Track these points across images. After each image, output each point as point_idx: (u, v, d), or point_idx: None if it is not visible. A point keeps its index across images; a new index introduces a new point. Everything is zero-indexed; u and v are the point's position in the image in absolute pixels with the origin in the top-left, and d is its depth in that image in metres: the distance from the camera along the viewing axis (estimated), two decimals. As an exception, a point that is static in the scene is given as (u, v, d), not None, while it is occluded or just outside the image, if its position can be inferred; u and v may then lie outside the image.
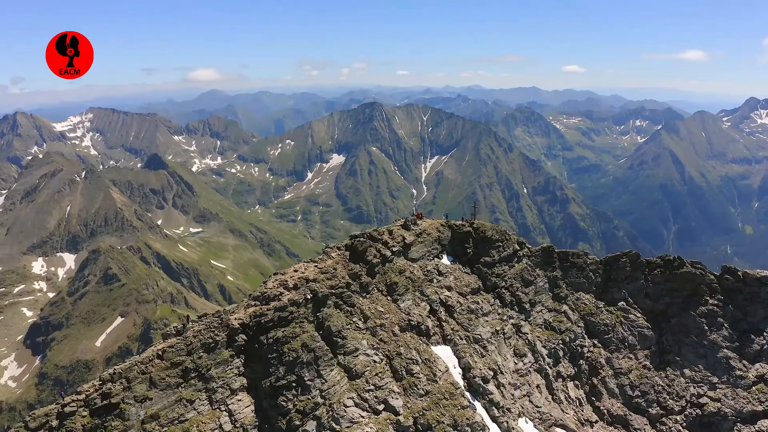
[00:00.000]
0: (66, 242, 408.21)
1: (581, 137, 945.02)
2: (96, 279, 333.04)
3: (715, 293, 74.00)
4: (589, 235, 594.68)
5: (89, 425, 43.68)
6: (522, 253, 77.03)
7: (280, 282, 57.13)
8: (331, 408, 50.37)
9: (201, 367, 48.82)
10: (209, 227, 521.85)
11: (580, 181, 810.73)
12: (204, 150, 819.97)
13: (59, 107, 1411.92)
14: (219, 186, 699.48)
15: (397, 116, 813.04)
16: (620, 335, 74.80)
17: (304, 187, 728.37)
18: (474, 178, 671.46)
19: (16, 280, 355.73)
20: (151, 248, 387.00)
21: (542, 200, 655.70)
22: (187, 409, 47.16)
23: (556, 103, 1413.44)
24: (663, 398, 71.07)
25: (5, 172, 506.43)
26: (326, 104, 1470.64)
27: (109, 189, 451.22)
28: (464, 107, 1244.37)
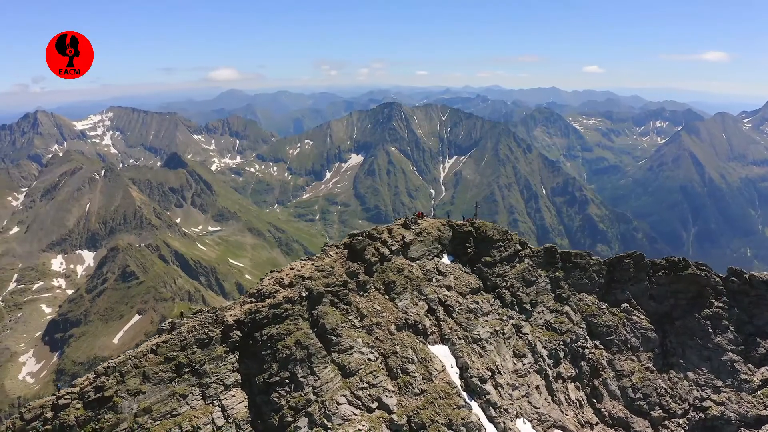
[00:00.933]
0: (85, 240, 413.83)
1: (601, 138, 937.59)
2: (114, 276, 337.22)
3: (720, 295, 73.09)
4: (608, 236, 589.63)
5: (82, 417, 44.27)
6: (524, 253, 76.61)
7: (276, 279, 57.49)
8: (324, 405, 50.67)
9: (194, 363, 49.29)
10: (228, 226, 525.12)
11: (600, 182, 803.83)
12: (223, 149, 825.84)
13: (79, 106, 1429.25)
14: (238, 185, 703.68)
15: (415, 116, 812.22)
16: (623, 337, 74.17)
17: (323, 186, 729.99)
18: (493, 178, 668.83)
19: (35, 277, 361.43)
20: (169, 246, 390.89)
21: (561, 201, 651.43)
22: (180, 404, 47.64)
23: (576, 104, 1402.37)
24: (665, 401, 70.33)
25: (26, 170, 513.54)
26: (345, 104, 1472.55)
27: (128, 187, 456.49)
28: (483, 107, 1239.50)
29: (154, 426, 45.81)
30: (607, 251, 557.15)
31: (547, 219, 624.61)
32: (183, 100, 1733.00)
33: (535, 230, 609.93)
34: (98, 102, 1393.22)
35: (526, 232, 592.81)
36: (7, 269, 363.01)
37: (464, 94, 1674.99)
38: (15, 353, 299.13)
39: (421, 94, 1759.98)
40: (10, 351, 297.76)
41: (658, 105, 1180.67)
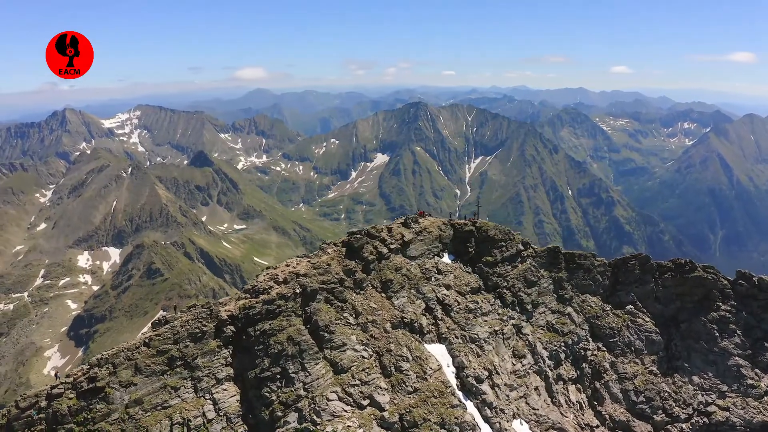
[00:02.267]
0: (111, 237, 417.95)
1: (628, 139, 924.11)
2: (139, 273, 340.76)
3: (728, 299, 71.97)
4: (634, 238, 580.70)
5: (75, 407, 45.35)
6: (526, 254, 75.90)
7: (271, 276, 58.06)
8: (313, 401, 51.06)
9: (187, 356, 50.07)
10: (253, 224, 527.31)
11: (627, 183, 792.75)
12: (249, 148, 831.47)
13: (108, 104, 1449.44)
14: (264, 184, 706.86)
15: (441, 116, 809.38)
16: (626, 339, 73.23)
17: (348, 186, 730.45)
18: (518, 179, 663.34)
19: (61, 273, 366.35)
20: (194, 244, 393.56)
21: (587, 202, 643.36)
22: (172, 396, 48.47)
23: (603, 105, 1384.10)
24: (669, 405, 69.35)
25: (54, 168, 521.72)
26: (372, 104, 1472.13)
27: (154, 185, 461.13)
28: (510, 108, 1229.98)
29: (144, 417, 46.68)
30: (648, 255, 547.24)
31: (573, 220, 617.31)
32: (210, 99, 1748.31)
33: (560, 231, 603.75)
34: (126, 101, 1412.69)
35: (551, 233, 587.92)
36: (34, 265, 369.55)
37: (491, 95, 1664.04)
38: (41, 348, 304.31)
39: (448, 94, 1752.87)
40: (36, 346, 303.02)
41: (686, 106, 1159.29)
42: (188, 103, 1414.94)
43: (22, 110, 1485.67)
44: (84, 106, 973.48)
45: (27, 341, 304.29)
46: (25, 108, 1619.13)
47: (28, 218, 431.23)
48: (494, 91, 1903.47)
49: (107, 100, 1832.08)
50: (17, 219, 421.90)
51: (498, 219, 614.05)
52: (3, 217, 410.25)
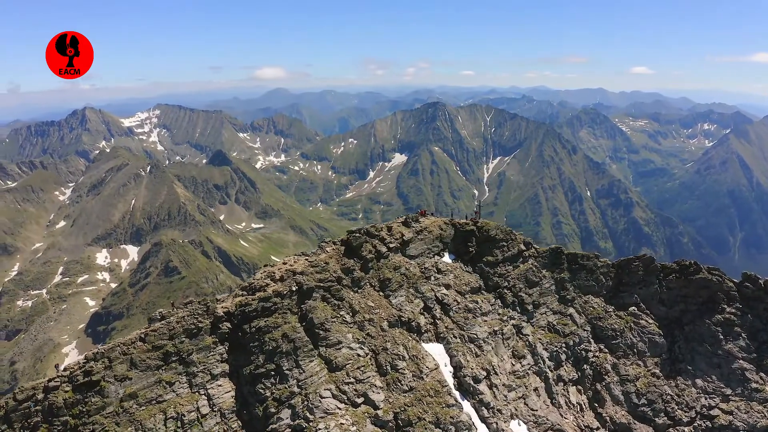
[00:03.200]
0: (130, 235, 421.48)
1: (647, 140, 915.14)
2: (157, 271, 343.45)
3: (733, 301, 71.09)
4: (653, 240, 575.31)
5: (71, 400, 46.03)
6: (528, 254, 75.52)
7: (268, 273, 58.42)
8: (307, 398, 51.30)
9: (182, 352, 50.56)
10: (270, 223, 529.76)
11: (646, 184, 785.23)
12: (268, 147, 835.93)
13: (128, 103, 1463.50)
14: (282, 183, 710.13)
15: (460, 116, 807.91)
16: (629, 341, 72.60)
17: (366, 185, 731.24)
18: (537, 179, 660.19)
19: (80, 270, 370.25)
20: (212, 242, 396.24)
21: (606, 203, 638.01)
22: (166, 391, 49.01)
23: (623, 105, 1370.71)
24: (671, 408, 68.63)
25: (73, 166, 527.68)
26: (390, 104, 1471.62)
27: (173, 184, 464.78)
28: (529, 108, 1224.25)
29: (139, 411, 47.29)
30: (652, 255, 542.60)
31: (591, 221, 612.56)
32: (229, 99, 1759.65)
33: (578, 232, 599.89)
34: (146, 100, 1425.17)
35: (569, 234, 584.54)
36: (53, 262, 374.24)
37: (510, 95, 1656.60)
38: (58, 344, 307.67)
39: (467, 94, 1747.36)
40: (54, 342, 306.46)
41: (706, 107, 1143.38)
42: (208, 102, 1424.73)
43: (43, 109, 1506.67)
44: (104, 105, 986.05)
45: (45, 338, 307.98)
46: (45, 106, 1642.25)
47: (47, 216, 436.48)
48: (513, 91, 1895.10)
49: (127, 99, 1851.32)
50: (37, 217, 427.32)
51: (516, 219, 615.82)
52: (23, 215, 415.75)
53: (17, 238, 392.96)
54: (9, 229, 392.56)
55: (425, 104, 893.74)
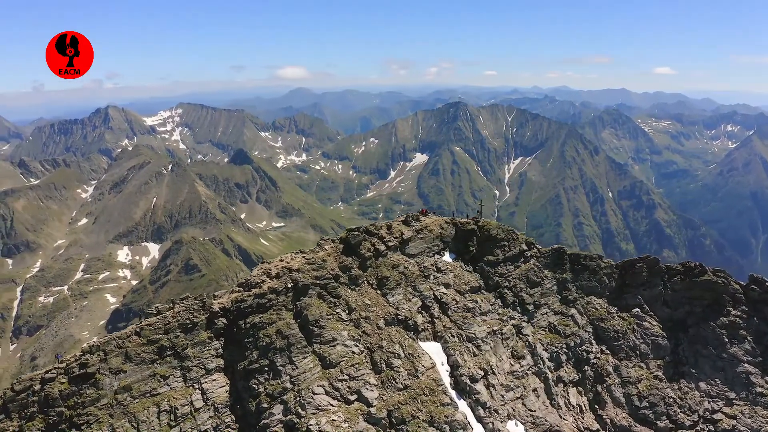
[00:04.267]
0: (151, 232, 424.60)
1: (670, 141, 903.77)
2: (177, 269, 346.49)
3: (739, 304, 69.85)
4: (674, 242, 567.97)
5: (66, 391, 47.13)
6: (530, 254, 74.96)
7: (264, 270, 58.98)
8: (299, 394, 51.74)
9: (177, 346, 51.36)
10: (291, 222, 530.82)
11: (668, 186, 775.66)
12: (289, 146, 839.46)
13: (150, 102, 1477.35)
14: (303, 182, 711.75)
15: (481, 116, 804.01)
16: (631, 343, 71.74)
17: (387, 185, 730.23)
18: (558, 180, 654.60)
19: (101, 267, 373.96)
20: (233, 241, 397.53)
21: (627, 205, 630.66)
22: (160, 384, 49.89)
23: (646, 106, 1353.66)
24: (673, 411, 67.71)
25: (96, 164, 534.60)
26: (412, 103, 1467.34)
27: (194, 182, 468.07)
28: (551, 108, 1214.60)
29: (133, 403, 48.24)
30: (674, 258, 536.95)
31: (612, 223, 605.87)
32: (252, 98, 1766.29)
33: (600, 234, 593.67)
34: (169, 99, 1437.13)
35: (590, 235, 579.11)
36: (75, 259, 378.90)
37: (532, 95, 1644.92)
38: (79, 341, 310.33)
39: (489, 94, 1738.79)
40: (74, 338, 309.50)
41: (730, 108, 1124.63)
42: (230, 101, 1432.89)
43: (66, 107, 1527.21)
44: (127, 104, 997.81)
45: (66, 334, 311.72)
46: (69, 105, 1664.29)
47: (69, 213, 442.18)
48: (535, 91, 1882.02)
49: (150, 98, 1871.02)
50: (59, 214, 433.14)
51: (537, 220, 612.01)
52: (45, 212, 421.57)
53: (40, 235, 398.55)
54: (32, 226, 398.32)
55: (447, 104, 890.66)
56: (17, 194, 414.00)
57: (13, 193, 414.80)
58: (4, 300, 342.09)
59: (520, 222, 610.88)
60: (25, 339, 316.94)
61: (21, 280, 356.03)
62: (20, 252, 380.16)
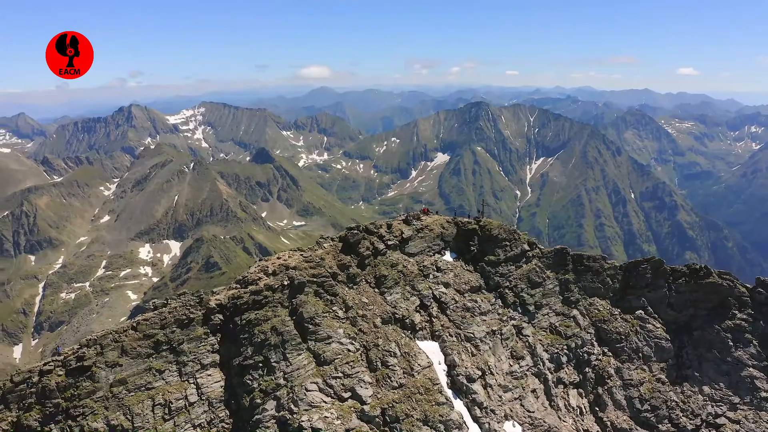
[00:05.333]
0: (172, 230, 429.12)
1: (693, 142, 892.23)
2: (198, 266, 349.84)
3: (745, 307, 68.88)
4: (697, 244, 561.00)
5: (63, 383, 48.06)
6: (532, 254, 74.56)
7: (261, 268, 59.58)
8: (292, 390, 52.07)
9: (173, 341, 52.09)
10: (312, 221, 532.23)
11: (691, 187, 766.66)
12: (311, 145, 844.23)
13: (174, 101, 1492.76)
14: (324, 181, 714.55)
15: (503, 116, 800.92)
16: (634, 345, 71.00)
17: (408, 185, 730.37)
18: (580, 181, 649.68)
19: (122, 264, 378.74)
20: (253, 239, 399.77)
21: (650, 206, 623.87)
22: (156, 378, 50.65)
23: (669, 107, 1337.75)
24: (675, 415, 66.98)
25: (119, 162, 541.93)
26: (434, 103, 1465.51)
27: (215, 180, 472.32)
28: (573, 108, 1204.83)
29: (128, 397, 49.05)
30: (696, 260, 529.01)
31: (634, 224, 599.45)
32: (274, 97, 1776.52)
33: (621, 235, 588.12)
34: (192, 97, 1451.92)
35: (612, 236, 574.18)
36: (97, 256, 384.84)
37: (554, 95, 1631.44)
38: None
39: (511, 94, 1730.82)
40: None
41: (754, 109, 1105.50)
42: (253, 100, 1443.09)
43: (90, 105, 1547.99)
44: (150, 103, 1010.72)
45: (87, 329, 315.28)
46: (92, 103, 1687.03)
47: (92, 210, 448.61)
48: (558, 91, 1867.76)
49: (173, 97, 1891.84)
50: (81, 211, 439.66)
51: (558, 221, 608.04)
52: (68, 209, 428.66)
53: (62, 231, 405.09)
54: (54, 223, 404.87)
55: (468, 104, 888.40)
56: (40, 191, 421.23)
57: (37, 190, 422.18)
58: (27, 296, 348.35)
59: (541, 223, 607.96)
60: (46, 334, 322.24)
61: (43, 276, 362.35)
62: (43, 248, 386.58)
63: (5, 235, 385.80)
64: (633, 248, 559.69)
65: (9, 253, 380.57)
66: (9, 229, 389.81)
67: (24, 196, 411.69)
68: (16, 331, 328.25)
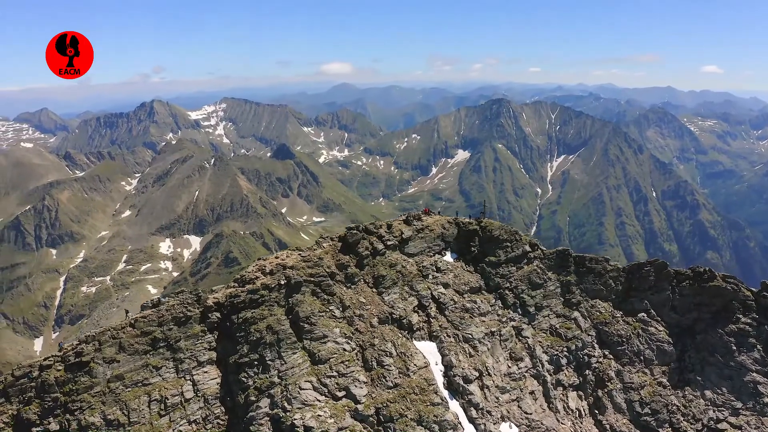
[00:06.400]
0: (193, 225, 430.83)
1: (716, 141, 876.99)
2: (218, 261, 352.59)
3: (749, 311, 67.89)
4: (718, 243, 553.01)
5: (62, 378, 49.30)
6: (533, 255, 74.33)
7: (259, 267, 60.26)
8: (286, 389, 52.81)
9: (170, 338, 53.13)
10: (331, 217, 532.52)
11: (713, 186, 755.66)
12: (332, 142, 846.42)
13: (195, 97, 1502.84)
14: (344, 177, 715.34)
15: (524, 113, 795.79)
16: (635, 348, 70.46)
17: (428, 181, 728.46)
18: (601, 179, 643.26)
19: (143, 258, 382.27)
20: (273, 234, 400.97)
21: (671, 205, 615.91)
22: (153, 375, 51.75)
23: (692, 105, 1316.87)
24: (676, 419, 66.42)
25: (140, 157, 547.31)
26: (456, 99, 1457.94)
27: (236, 176, 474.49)
28: (596, 106, 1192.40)
29: (125, 392, 50.23)
30: (717, 259, 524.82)
31: (656, 223, 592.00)
32: (296, 93, 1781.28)
33: (642, 234, 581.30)
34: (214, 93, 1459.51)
35: (633, 235, 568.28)
36: (118, 250, 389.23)
37: (576, 92, 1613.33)
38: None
39: (533, 91, 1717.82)
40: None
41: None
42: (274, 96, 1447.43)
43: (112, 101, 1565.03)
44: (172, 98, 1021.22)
45: (107, 324, 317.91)
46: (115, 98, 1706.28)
47: (113, 205, 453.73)
48: (580, 88, 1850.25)
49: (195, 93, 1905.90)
50: (103, 206, 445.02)
51: (579, 219, 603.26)
52: (89, 204, 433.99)
53: (83, 226, 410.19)
54: (76, 217, 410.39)
55: (489, 101, 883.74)
56: (62, 186, 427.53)
57: (59, 184, 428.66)
58: (48, 289, 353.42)
59: (561, 221, 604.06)
60: (67, 328, 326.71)
61: (64, 270, 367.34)
62: (64, 242, 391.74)
63: (27, 229, 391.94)
64: (654, 247, 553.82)
65: (31, 246, 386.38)
66: (31, 223, 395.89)
67: (46, 190, 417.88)
68: (37, 325, 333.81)
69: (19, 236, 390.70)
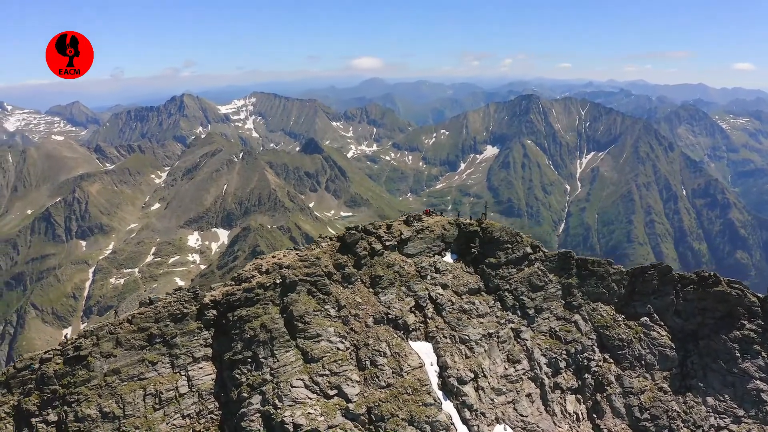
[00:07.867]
0: (221, 218, 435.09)
1: (748, 139, 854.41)
2: (245, 255, 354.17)
3: (755, 318, 66.81)
4: (748, 243, 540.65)
5: (60, 371, 51.03)
6: (534, 257, 74.02)
7: (256, 266, 61.39)
8: (277, 386, 53.81)
9: (166, 335, 54.55)
10: (359, 212, 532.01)
11: (745, 185, 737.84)
12: (360, 136, 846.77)
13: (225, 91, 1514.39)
14: (372, 172, 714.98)
15: (554, 109, 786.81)
16: (636, 352, 69.81)
17: (456, 177, 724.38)
18: (631, 176, 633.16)
19: (171, 251, 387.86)
20: (300, 229, 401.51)
21: (701, 204, 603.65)
22: (148, 369, 53.22)
23: (724, 102, 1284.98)
24: (676, 425, 65.68)
25: (170, 150, 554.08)
26: (485, 95, 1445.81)
27: (264, 170, 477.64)
28: (626, 102, 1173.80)
29: (121, 386, 51.79)
30: (747, 259, 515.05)
31: (685, 221, 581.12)
32: (325, 87, 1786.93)
33: (672, 232, 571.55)
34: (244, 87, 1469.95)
35: (662, 234, 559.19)
36: (146, 243, 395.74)
37: (607, 88, 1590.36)
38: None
39: (563, 87, 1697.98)
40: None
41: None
42: (304, 90, 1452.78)
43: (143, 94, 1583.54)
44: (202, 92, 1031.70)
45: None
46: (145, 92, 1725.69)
47: (143, 198, 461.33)
48: (611, 85, 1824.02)
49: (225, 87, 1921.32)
50: (132, 198, 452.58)
51: (608, 217, 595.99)
52: (119, 196, 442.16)
53: (113, 218, 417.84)
54: (106, 209, 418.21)
55: (519, 96, 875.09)
56: (92, 178, 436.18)
57: (89, 177, 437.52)
58: (77, 280, 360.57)
59: (590, 218, 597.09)
60: (95, 319, 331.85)
61: (93, 261, 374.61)
62: (94, 234, 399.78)
63: (57, 220, 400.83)
64: (683, 246, 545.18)
65: (61, 238, 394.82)
66: (61, 214, 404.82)
67: (76, 182, 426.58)
68: (66, 315, 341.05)
69: (50, 228, 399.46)
